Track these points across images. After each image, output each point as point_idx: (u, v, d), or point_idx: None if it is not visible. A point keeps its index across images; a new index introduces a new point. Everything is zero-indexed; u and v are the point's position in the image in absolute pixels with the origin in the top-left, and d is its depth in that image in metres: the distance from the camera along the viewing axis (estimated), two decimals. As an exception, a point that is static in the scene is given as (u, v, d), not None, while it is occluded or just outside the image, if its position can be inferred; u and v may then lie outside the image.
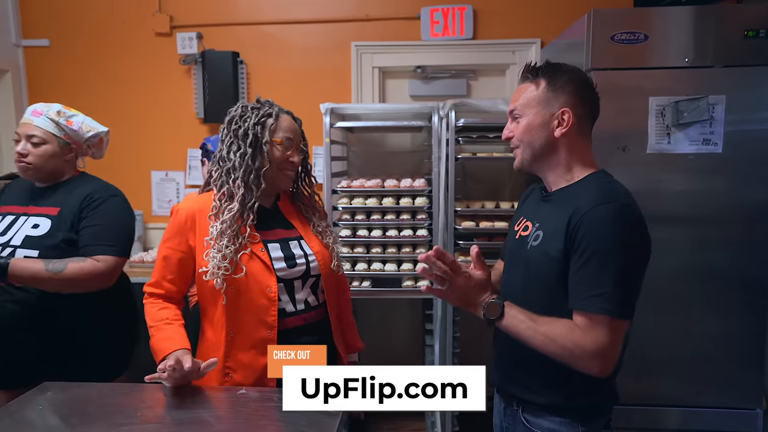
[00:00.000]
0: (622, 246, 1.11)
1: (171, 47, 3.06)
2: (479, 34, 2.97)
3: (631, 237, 1.13)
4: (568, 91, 1.22)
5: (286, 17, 3.02)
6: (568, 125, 1.21)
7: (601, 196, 1.15)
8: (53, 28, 3.15)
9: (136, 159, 3.15)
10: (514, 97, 1.29)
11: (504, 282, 1.40)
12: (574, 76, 1.24)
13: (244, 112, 1.44)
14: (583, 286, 1.12)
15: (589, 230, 1.11)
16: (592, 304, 1.10)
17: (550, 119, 1.22)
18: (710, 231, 2.08)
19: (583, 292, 1.12)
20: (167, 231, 1.44)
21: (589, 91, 1.25)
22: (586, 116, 1.25)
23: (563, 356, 1.13)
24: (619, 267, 1.10)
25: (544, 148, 1.24)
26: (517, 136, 1.27)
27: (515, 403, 1.30)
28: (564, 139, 1.23)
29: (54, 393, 1.26)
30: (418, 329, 3.08)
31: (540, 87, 1.24)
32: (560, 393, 1.22)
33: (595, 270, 1.10)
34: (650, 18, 2.05)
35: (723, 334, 2.11)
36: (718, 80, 2.04)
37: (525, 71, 1.28)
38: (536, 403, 1.25)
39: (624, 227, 1.12)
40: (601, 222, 1.11)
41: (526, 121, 1.25)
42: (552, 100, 1.22)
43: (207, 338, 1.45)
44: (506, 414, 1.34)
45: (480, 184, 2.91)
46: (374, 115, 2.68)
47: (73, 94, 3.16)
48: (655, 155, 2.06)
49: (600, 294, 1.09)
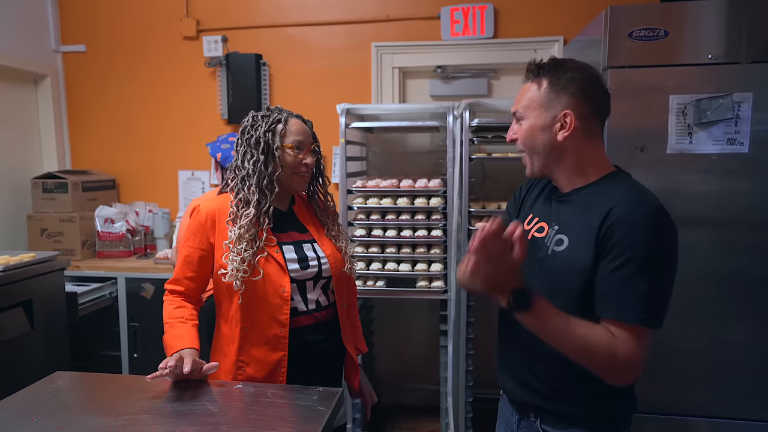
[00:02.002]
0: (660, 253, 1.06)
1: (197, 50, 3.16)
2: (500, 32, 2.93)
3: (668, 244, 1.08)
4: (571, 91, 1.15)
5: (307, 19, 3.06)
6: (571, 128, 1.14)
7: (635, 198, 1.10)
8: (89, 34, 3.30)
9: (165, 159, 3.27)
10: (518, 97, 1.24)
11: None
12: (578, 74, 1.16)
13: (255, 121, 1.50)
14: (616, 293, 1.06)
15: (625, 235, 1.06)
16: (628, 313, 1.05)
17: (551, 122, 1.15)
18: (735, 234, 1.99)
19: (618, 300, 1.06)
20: (187, 230, 1.50)
21: (596, 89, 1.17)
22: (591, 116, 1.17)
23: (596, 365, 1.07)
24: (657, 275, 1.06)
25: (549, 153, 1.18)
26: (521, 139, 1.22)
27: (532, 414, 1.23)
28: (569, 142, 1.16)
29: (63, 382, 1.33)
30: (434, 329, 3.07)
31: (542, 87, 1.18)
32: (583, 402, 1.16)
33: (630, 277, 1.05)
34: (671, 13, 1.97)
35: (749, 342, 2.01)
36: (744, 77, 1.94)
37: (528, 70, 1.22)
38: (557, 413, 1.18)
39: (662, 234, 1.07)
40: (637, 227, 1.06)
41: (527, 124, 1.19)
42: (554, 102, 1.15)
43: (222, 332, 1.50)
44: (520, 425, 1.27)
45: (498, 184, 2.87)
46: (391, 116, 2.69)
47: (109, 98, 3.32)
48: (675, 155, 1.98)
49: (635, 303, 1.04)
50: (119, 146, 3.33)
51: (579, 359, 1.07)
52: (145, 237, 3.17)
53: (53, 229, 3.01)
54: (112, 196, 3.28)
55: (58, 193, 3.01)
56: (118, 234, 3.02)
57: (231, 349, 1.45)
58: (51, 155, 3.33)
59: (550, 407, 1.19)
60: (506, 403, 1.35)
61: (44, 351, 2.39)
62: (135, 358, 2.87)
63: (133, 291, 2.82)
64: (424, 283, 2.47)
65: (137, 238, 3.11)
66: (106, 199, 3.20)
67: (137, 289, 2.81)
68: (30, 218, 3.03)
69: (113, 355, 2.89)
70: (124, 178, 3.35)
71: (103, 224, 3.03)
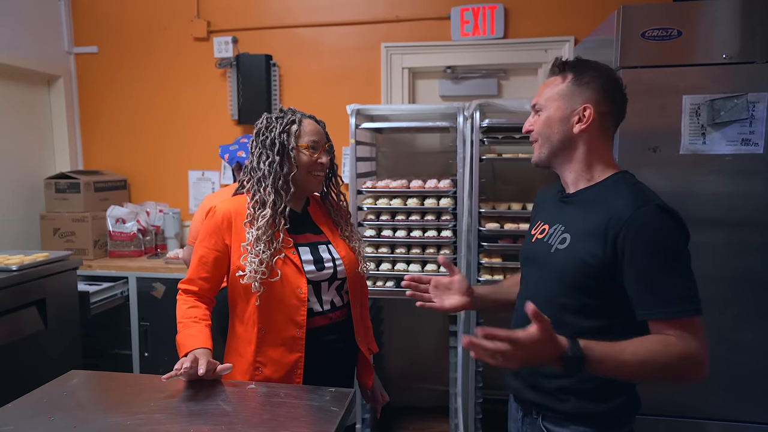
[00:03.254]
0: (677, 242, 1.10)
1: (208, 51, 3.18)
2: (510, 33, 2.92)
3: (680, 232, 1.11)
4: (594, 87, 1.19)
5: (317, 20, 3.07)
6: (588, 121, 1.18)
7: (637, 199, 1.12)
8: (101, 35, 3.33)
9: (175, 159, 3.29)
10: (540, 90, 1.27)
11: (524, 288, 1.36)
12: (602, 73, 1.21)
13: (269, 122, 1.51)
14: (652, 294, 1.07)
15: (638, 236, 1.08)
16: (674, 308, 1.06)
17: (570, 114, 1.20)
18: (750, 235, 1.97)
19: (657, 300, 1.07)
20: (203, 230, 1.51)
21: (616, 90, 1.21)
22: (609, 115, 1.21)
23: (666, 375, 1.08)
24: (682, 264, 1.08)
25: (562, 143, 1.22)
26: (537, 130, 1.25)
27: (534, 412, 1.26)
28: (583, 136, 1.20)
29: (79, 380, 1.34)
30: (444, 330, 3.07)
31: (566, 81, 1.22)
32: (583, 401, 1.17)
33: (659, 274, 1.07)
34: (684, 13, 1.95)
35: (761, 344, 1.99)
36: (759, 76, 1.92)
37: (554, 65, 1.26)
38: (558, 411, 1.20)
39: (671, 223, 1.10)
40: (648, 225, 1.09)
41: (546, 114, 1.23)
42: (575, 95, 1.20)
43: (237, 333, 1.51)
44: (524, 423, 1.30)
45: (509, 185, 2.86)
46: (400, 116, 2.68)
47: (121, 99, 3.34)
48: (688, 156, 1.97)
49: (674, 297, 1.06)
50: (130, 146, 3.35)
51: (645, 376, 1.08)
52: (155, 237, 3.19)
53: (66, 229, 3.04)
54: (123, 196, 3.30)
55: (71, 193, 3.04)
56: (130, 234, 3.04)
57: (248, 350, 1.45)
58: (63, 156, 3.36)
59: (552, 405, 1.21)
60: (512, 401, 1.37)
61: (58, 349, 2.41)
62: (146, 357, 2.89)
63: (144, 290, 2.84)
64: (434, 283, 2.47)
65: (148, 238, 3.14)
66: (117, 199, 3.23)
67: (148, 288, 2.83)
68: (43, 218, 3.06)
69: (124, 354, 2.91)
70: (135, 178, 3.37)
71: (115, 224, 3.05)
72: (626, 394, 1.20)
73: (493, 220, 2.43)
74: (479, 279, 2.38)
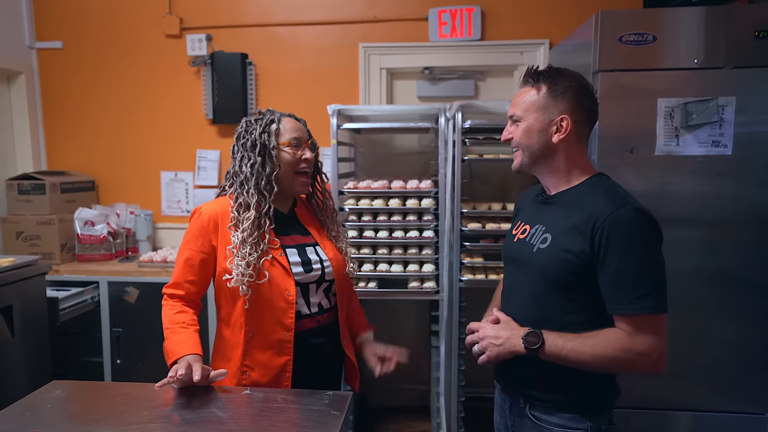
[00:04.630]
0: (650, 244, 1.16)
1: (181, 49, 3.09)
2: (487, 35, 2.96)
3: (655, 234, 1.17)
4: (568, 97, 1.25)
5: (294, 19, 3.03)
6: (566, 132, 1.25)
7: (614, 200, 1.19)
8: (66, 30, 3.19)
9: (147, 159, 3.19)
10: (515, 101, 1.33)
11: (507, 286, 1.41)
12: (574, 82, 1.27)
13: (249, 125, 1.50)
14: (621, 290, 1.14)
15: (614, 235, 1.14)
16: (639, 305, 1.13)
17: (548, 125, 1.26)
18: (721, 234, 2.06)
19: (625, 296, 1.14)
20: (189, 233, 1.48)
21: (589, 97, 1.28)
22: (584, 122, 1.29)
23: (619, 367, 1.17)
24: (653, 264, 1.15)
25: (542, 152, 1.28)
26: (516, 139, 1.31)
27: (522, 401, 1.32)
28: (562, 145, 1.27)
29: (62, 392, 1.28)
30: (424, 330, 3.08)
31: (540, 92, 1.27)
32: (570, 390, 1.24)
33: (631, 272, 1.14)
34: (659, 19, 2.03)
35: (733, 339, 2.09)
36: (727, 81, 2.01)
37: (526, 75, 1.32)
38: (546, 401, 1.27)
39: (647, 226, 1.16)
40: (624, 225, 1.15)
41: (525, 125, 1.29)
42: (551, 107, 1.26)
43: (224, 337, 1.48)
44: (512, 411, 1.36)
45: (486, 185, 2.90)
46: (381, 117, 2.68)
47: (87, 97, 3.21)
48: (663, 157, 2.04)
49: (643, 295, 1.13)
50: (98, 146, 3.23)
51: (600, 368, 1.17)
52: (126, 239, 3.09)
53: (30, 232, 2.90)
54: (91, 197, 3.18)
55: (35, 195, 2.91)
56: (99, 237, 2.93)
57: (235, 354, 1.43)
58: (26, 155, 3.21)
59: (539, 395, 1.28)
60: (499, 392, 1.43)
61: (25, 359, 2.30)
62: (118, 364, 2.79)
63: (116, 295, 2.74)
64: (416, 284, 2.48)
65: (119, 241, 3.03)
66: (85, 201, 3.11)
67: (120, 293, 2.73)
68: (4, 221, 2.91)
69: (95, 361, 2.80)
70: (104, 179, 3.25)
71: (83, 227, 2.93)
72: (609, 383, 1.28)
73: (474, 220, 2.46)
74: (461, 279, 2.40)
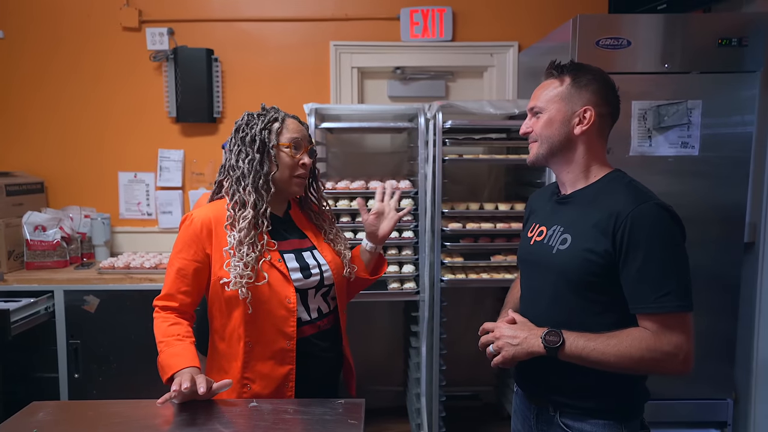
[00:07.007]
0: (674, 240, 1.13)
1: (140, 43, 2.92)
2: (458, 36, 2.98)
3: (678, 230, 1.15)
4: (592, 89, 1.23)
5: (262, 15, 2.94)
6: (590, 123, 1.22)
7: (636, 196, 1.16)
8: (7, 18, 2.94)
9: (102, 159, 2.99)
10: (536, 93, 1.29)
11: (525, 291, 1.38)
12: (598, 76, 1.25)
13: (251, 119, 1.43)
14: (645, 288, 1.11)
15: (637, 231, 1.11)
16: (664, 304, 1.10)
17: (571, 116, 1.23)
18: (689, 231, 2.15)
19: (650, 295, 1.11)
20: (180, 241, 1.40)
21: (612, 92, 1.26)
22: (607, 116, 1.26)
23: (643, 368, 1.12)
24: (677, 261, 1.12)
25: (562, 144, 1.25)
26: (537, 131, 1.27)
27: (551, 408, 1.26)
28: (583, 137, 1.24)
29: (46, 414, 1.17)
30: (398, 332, 3.07)
31: (564, 83, 1.25)
32: (602, 395, 1.20)
33: (655, 269, 1.10)
34: (633, 24, 2.11)
35: (697, 331, 2.16)
36: (694, 86, 2.13)
37: (550, 68, 1.29)
38: (577, 407, 1.22)
39: (670, 222, 1.14)
40: (647, 221, 1.12)
41: (547, 116, 1.25)
42: (575, 98, 1.23)
43: (219, 350, 1.41)
44: (539, 420, 1.30)
45: (458, 185, 2.92)
46: (357, 116, 2.65)
47: (34, 92, 2.98)
48: (637, 158, 2.13)
49: (668, 292, 1.10)
50: (47, 145, 2.99)
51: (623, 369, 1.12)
52: (81, 245, 2.88)
53: (-29, 239, 2.65)
54: (40, 200, 2.95)
55: (-24, 198, 2.66)
56: (52, 242, 2.72)
57: (233, 367, 1.36)
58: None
59: (570, 402, 1.23)
60: (522, 399, 1.38)
61: (-26, 378, 2.10)
62: (76, 378, 2.60)
63: (74, 305, 2.55)
64: (396, 285, 2.46)
65: (73, 247, 2.83)
66: (34, 204, 2.87)
67: (79, 302, 2.54)
68: (-59, 227, 2.65)
69: (49, 377, 2.60)
70: (54, 181, 3.02)
71: (33, 232, 2.71)
72: (640, 386, 1.25)
73: (454, 220, 2.47)
74: (442, 279, 2.40)
